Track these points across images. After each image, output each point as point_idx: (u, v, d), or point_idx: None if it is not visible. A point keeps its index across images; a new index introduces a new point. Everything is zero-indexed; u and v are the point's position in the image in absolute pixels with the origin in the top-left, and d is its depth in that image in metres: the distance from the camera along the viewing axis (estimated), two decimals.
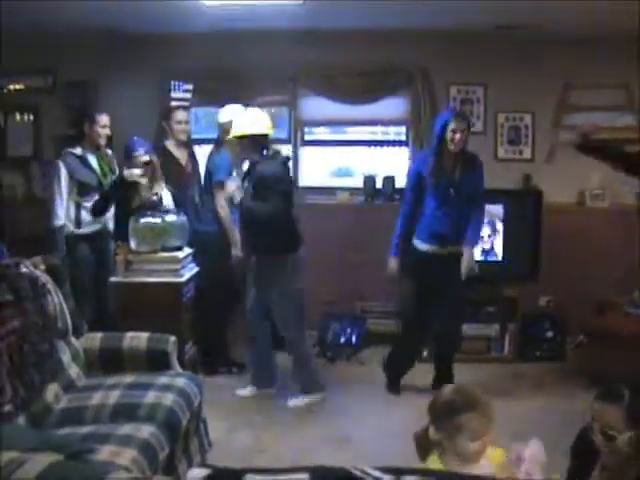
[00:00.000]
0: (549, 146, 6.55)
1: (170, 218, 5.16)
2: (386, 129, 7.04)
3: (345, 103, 6.69)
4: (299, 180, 6.87)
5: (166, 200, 5.35)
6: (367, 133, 7.03)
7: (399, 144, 6.93)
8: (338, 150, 7.11)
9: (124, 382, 3.81)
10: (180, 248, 5.15)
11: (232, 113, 5.54)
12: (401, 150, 6.90)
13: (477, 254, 5.56)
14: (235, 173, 5.55)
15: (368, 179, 6.72)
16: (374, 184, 6.70)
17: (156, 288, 4.92)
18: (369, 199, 6.70)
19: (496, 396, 4.92)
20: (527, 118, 6.64)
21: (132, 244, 5.01)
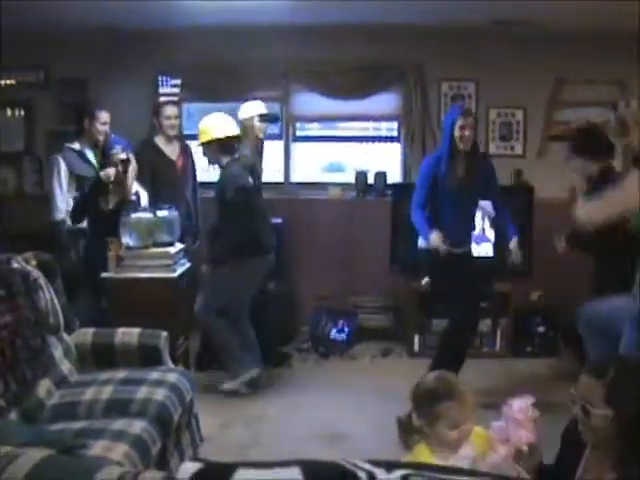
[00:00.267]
0: (540, 142, 6.57)
1: (161, 213, 5.15)
2: (378, 125, 7.05)
3: (337, 99, 6.70)
4: (291, 176, 6.88)
5: (143, 199, 5.35)
6: (359, 129, 7.05)
7: (391, 140, 6.94)
8: (330, 146, 7.12)
9: (116, 378, 3.81)
10: (172, 243, 5.14)
11: (252, 109, 5.59)
12: (393, 146, 6.91)
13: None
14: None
15: (360, 175, 6.73)
16: (366, 180, 6.72)
17: (148, 284, 4.90)
18: (361, 194, 6.71)
19: (488, 390, 4.98)
20: (519, 114, 6.66)
21: (123, 239, 5.00)
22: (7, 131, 6.77)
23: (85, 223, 5.43)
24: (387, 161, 6.90)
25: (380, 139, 7.07)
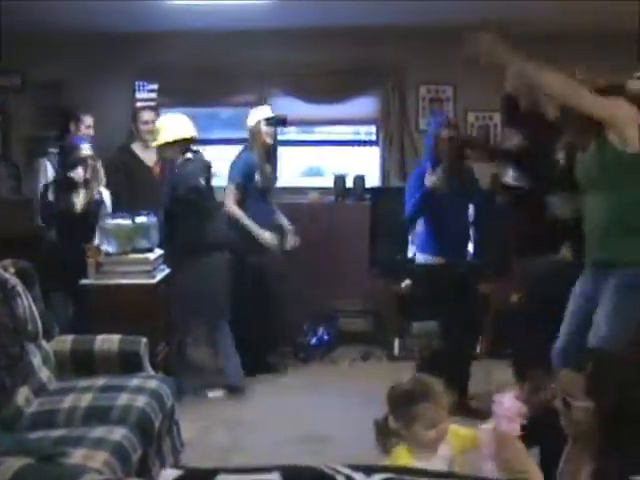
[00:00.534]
0: None
1: (140, 219, 5.13)
2: (356, 128, 7.07)
3: (315, 103, 6.71)
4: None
5: (107, 199, 5.34)
6: (337, 133, 7.06)
7: (369, 144, 6.96)
8: (308, 150, 7.13)
9: (96, 385, 3.79)
10: (151, 249, 5.12)
11: (257, 114, 5.62)
12: (371, 149, 6.93)
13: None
14: (257, 176, 5.60)
15: (338, 179, 6.74)
16: (344, 183, 6.73)
17: (128, 290, 4.89)
18: (340, 198, 6.72)
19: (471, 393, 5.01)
20: (496, 117, 6.69)
21: (102, 246, 4.98)
22: None
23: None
24: (366, 165, 6.91)
25: (359, 143, 7.09)
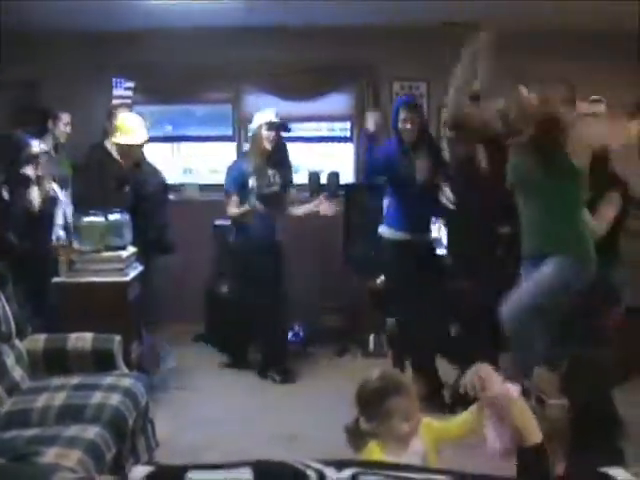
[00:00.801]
0: None
1: (113, 217, 5.11)
2: (331, 125, 7.08)
3: (289, 100, 6.71)
4: None
5: (60, 194, 5.33)
6: (312, 129, 7.06)
7: (344, 140, 6.97)
8: None
9: (70, 383, 3.78)
10: (124, 247, 5.10)
11: (260, 119, 5.58)
12: (346, 146, 6.94)
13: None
14: (252, 183, 5.55)
15: (313, 175, 6.75)
16: (318, 180, 6.74)
17: (101, 288, 4.86)
18: (314, 195, 6.72)
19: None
20: None
21: (75, 243, 4.96)
22: None
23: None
24: (340, 161, 6.92)
25: (333, 139, 7.09)
